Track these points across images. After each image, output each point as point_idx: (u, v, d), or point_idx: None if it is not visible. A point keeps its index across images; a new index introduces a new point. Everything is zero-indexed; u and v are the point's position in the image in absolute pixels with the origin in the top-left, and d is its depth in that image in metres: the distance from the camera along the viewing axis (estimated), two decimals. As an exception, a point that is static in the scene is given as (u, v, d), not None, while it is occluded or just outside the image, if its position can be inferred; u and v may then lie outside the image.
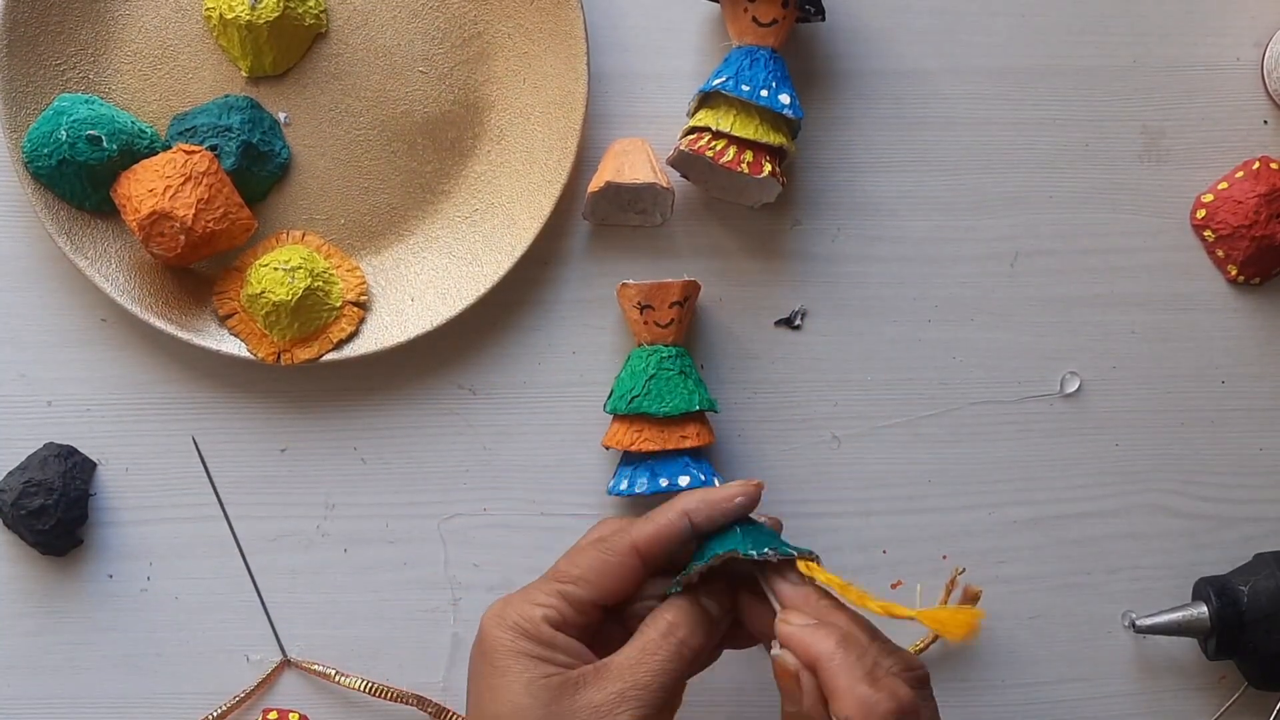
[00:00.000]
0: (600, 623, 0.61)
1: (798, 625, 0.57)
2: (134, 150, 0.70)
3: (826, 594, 0.60)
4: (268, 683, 0.73)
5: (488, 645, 0.59)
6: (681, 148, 0.71)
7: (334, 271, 0.73)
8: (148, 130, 0.72)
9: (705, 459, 0.73)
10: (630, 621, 0.62)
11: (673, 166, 0.73)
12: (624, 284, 0.72)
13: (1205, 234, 0.76)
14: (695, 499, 0.62)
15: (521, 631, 0.58)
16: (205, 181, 0.69)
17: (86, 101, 0.70)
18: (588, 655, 0.59)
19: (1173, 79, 0.77)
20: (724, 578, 0.61)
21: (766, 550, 0.59)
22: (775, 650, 0.58)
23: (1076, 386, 0.76)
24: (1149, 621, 0.73)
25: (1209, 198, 0.76)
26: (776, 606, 0.60)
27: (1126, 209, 0.77)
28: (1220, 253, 0.76)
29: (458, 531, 0.74)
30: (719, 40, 0.75)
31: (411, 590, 0.74)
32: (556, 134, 0.73)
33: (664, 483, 0.71)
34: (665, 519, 0.61)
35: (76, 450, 0.73)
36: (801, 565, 0.60)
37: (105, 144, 0.69)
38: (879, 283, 0.76)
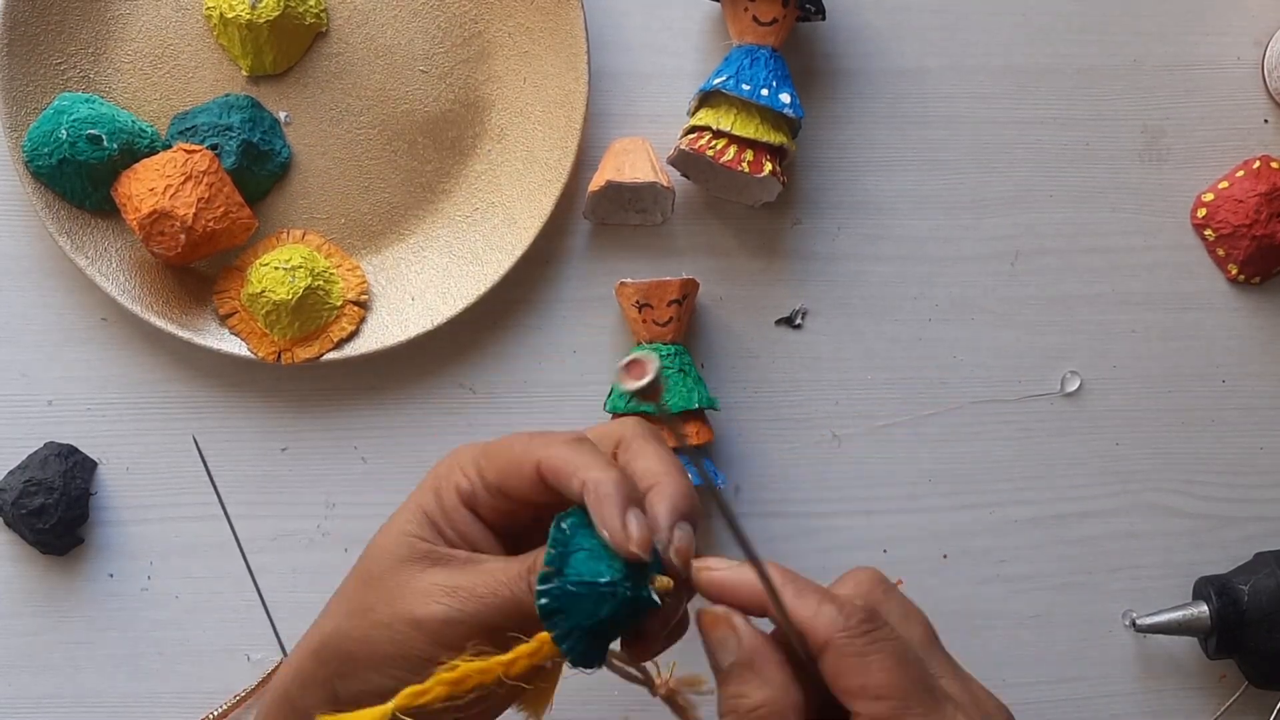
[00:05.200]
0: (515, 516, 0.54)
1: (726, 568, 0.50)
2: (134, 149, 0.70)
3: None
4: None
5: (406, 501, 0.55)
6: (682, 147, 0.71)
7: (334, 270, 0.73)
8: (148, 129, 0.72)
9: (706, 457, 0.73)
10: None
11: (673, 165, 0.73)
12: (622, 282, 0.72)
13: (1206, 233, 0.76)
14: (607, 488, 0.50)
15: (434, 492, 0.54)
16: (206, 180, 0.69)
17: (87, 100, 0.70)
18: (484, 545, 0.53)
19: (1173, 78, 0.77)
20: None
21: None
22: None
23: (1077, 386, 0.76)
24: (1149, 621, 0.73)
25: (1209, 197, 0.76)
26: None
27: (1127, 208, 0.77)
28: (1221, 252, 0.76)
29: (458, 531, 0.74)
30: (719, 39, 0.75)
31: (412, 589, 0.74)
32: (557, 133, 0.73)
33: (664, 482, 0.70)
34: (571, 473, 0.51)
35: (77, 449, 0.73)
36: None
37: (106, 143, 0.69)
38: (880, 281, 0.76)
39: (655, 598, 0.49)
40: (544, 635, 0.49)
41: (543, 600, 0.48)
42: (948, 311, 0.76)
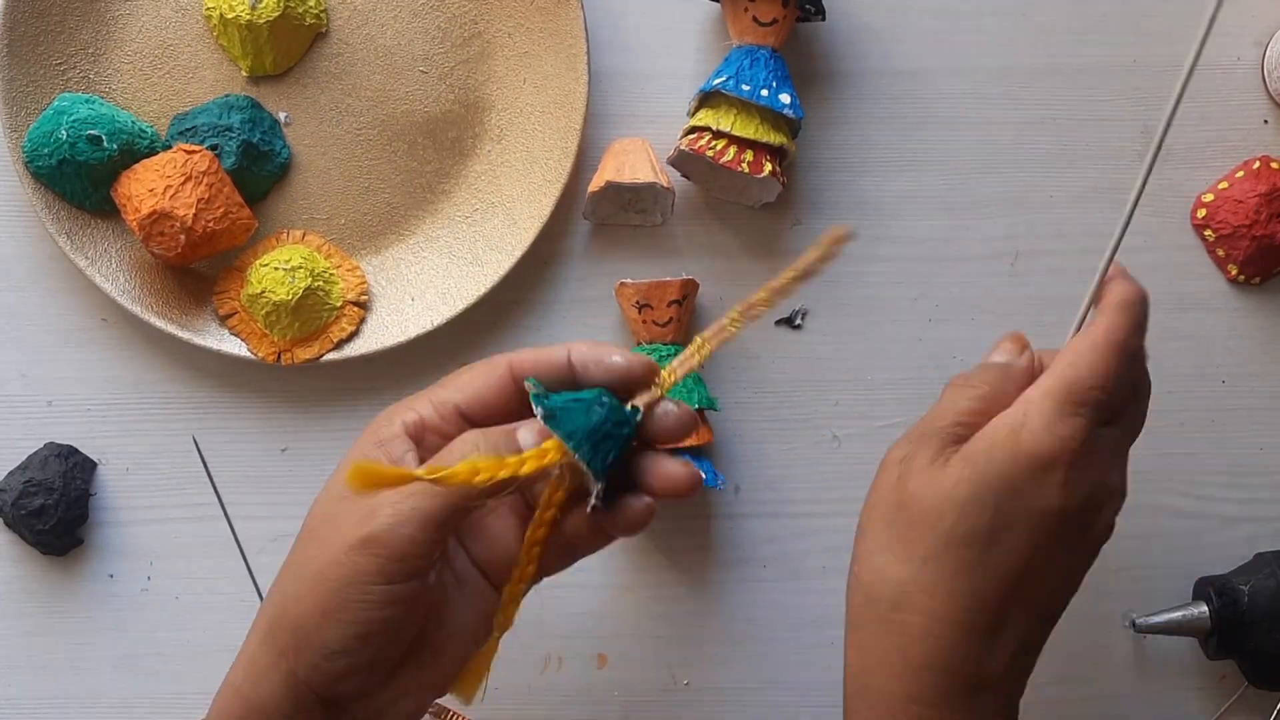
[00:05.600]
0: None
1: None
2: (134, 150, 0.70)
3: None
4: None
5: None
6: (682, 147, 0.71)
7: (334, 271, 0.73)
8: (148, 130, 0.72)
9: (706, 457, 0.73)
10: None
11: (673, 166, 0.73)
12: (622, 283, 0.72)
13: (1206, 233, 0.76)
14: (585, 345, 0.55)
15: (376, 437, 0.55)
16: (205, 181, 0.69)
17: (87, 101, 0.70)
18: (405, 460, 0.55)
19: (1173, 79, 0.77)
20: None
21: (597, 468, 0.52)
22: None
23: (1077, 386, 0.76)
24: (1149, 621, 0.73)
25: (1209, 197, 0.76)
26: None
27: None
28: (1221, 252, 0.76)
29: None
30: (719, 40, 0.75)
31: (412, 590, 0.74)
32: (557, 133, 0.73)
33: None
34: (549, 348, 0.55)
35: (77, 450, 0.73)
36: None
37: (106, 143, 0.69)
38: (880, 282, 0.76)
39: (638, 406, 0.53)
40: (551, 442, 0.51)
41: (542, 406, 0.52)
42: (947, 312, 0.76)
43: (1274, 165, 0.76)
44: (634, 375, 0.55)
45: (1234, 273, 0.76)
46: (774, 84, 0.70)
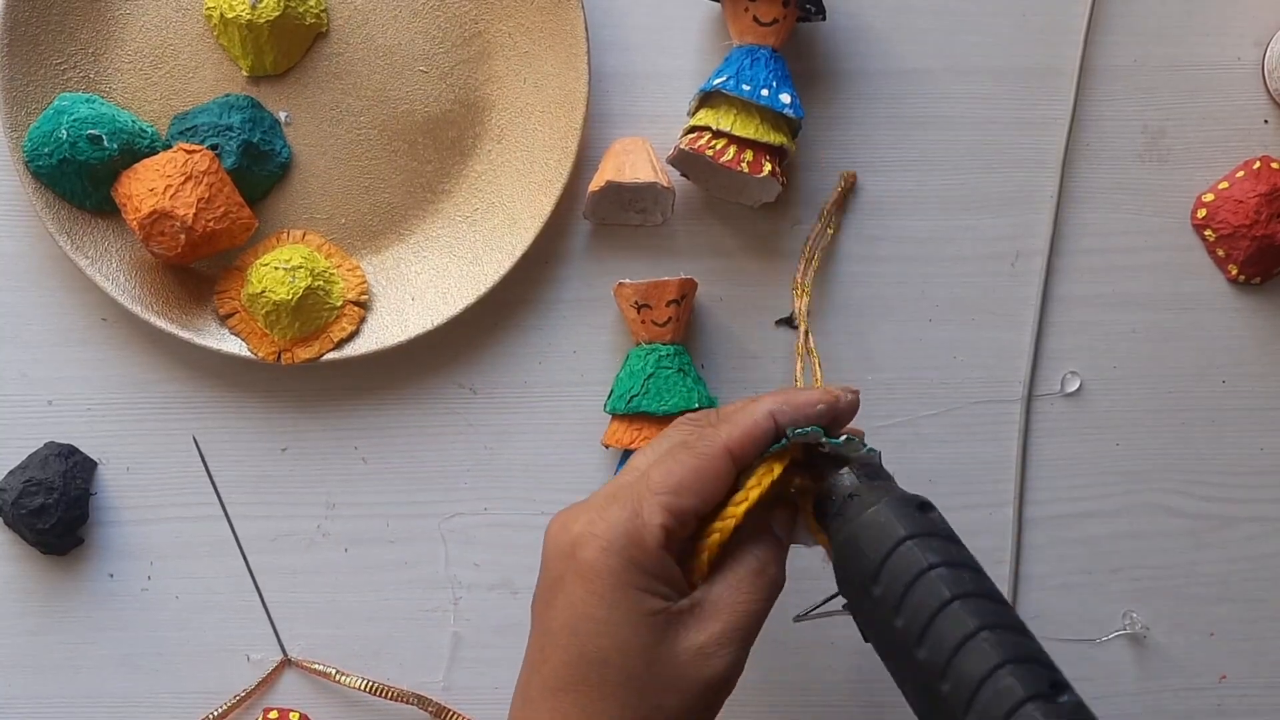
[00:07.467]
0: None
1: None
2: (135, 149, 0.70)
3: None
4: (268, 682, 0.73)
5: (590, 570, 0.55)
6: (682, 147, 0.71)
7: (334, 271, 0.73)
8: (148, 129, 0.72)
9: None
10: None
11: (673, 166, 0.73)
12: (620, 283, 0.72)
13: (1206, 233, 0.76)
14: (780, 400, 0.59)
15: (631, 560, 0.55)
16: (206, 181, 0.69)
17: (87, 100, 0.70)
18: (679, 577, 0.57)
19: (1173, 79, 0.77)
20: (786, 504, 0.61)
21: (864, 449, 0.60)
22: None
23: (1077, 386, 0.76)
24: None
25: (1209, 197, 0.76)
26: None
27: (1127, 209, 0.77)
28: (1221, 252, 0.76)
29: (458, 531, 0.74)
30: (720, 39, 0.75)
31: (412, 590, 0.74)
32: (557, 133, 0.73)
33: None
34: (752, 420, 0.58)
35: (77, 449, 0.73)
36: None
37: (106, 143, 0.69)
38: (880, 282, 0.76)
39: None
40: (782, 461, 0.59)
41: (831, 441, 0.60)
42: (947, 312, 0.76)
43: (1274, 165, 0.76)
44: (832, 410, 0.61)
45: (1234, 273, 0.76)
46: (774, 84, 0.70)
